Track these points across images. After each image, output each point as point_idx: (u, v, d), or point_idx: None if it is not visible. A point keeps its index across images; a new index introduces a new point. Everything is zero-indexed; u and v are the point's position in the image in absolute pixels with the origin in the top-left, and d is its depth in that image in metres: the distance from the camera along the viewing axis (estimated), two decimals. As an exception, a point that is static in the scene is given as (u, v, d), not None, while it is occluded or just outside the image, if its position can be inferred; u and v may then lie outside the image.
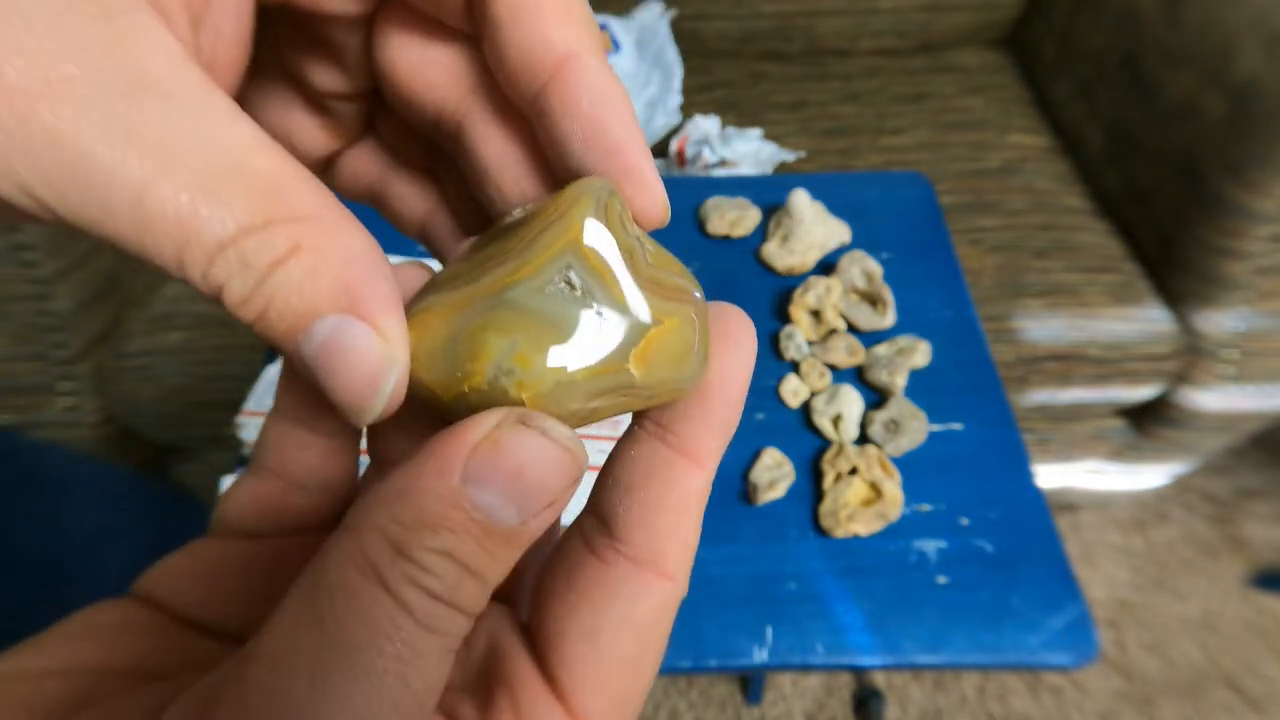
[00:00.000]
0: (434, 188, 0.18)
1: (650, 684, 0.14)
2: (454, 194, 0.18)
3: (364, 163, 0.18)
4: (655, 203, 0.14)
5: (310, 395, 0.16)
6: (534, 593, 0.15)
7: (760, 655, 0.43)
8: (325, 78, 0.16)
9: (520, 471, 0.12)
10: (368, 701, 0.11)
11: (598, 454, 0.42)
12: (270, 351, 0.55)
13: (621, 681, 0.14)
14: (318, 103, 0.17)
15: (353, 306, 0.12)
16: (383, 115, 0.18)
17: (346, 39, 0.15)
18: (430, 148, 0.17)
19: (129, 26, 0.11)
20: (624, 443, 0.15)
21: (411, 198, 0.18)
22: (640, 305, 0.13)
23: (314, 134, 0.17)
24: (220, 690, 0.12)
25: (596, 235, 0.13)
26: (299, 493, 0.16)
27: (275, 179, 0.11)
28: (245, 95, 0.16)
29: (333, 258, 0.12)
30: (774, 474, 0.49)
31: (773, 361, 0.55)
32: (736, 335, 0.14)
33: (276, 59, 0.16)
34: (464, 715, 0.13)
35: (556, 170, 0.15)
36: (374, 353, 0.12)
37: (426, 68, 0.15)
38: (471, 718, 0.13)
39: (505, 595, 0.16)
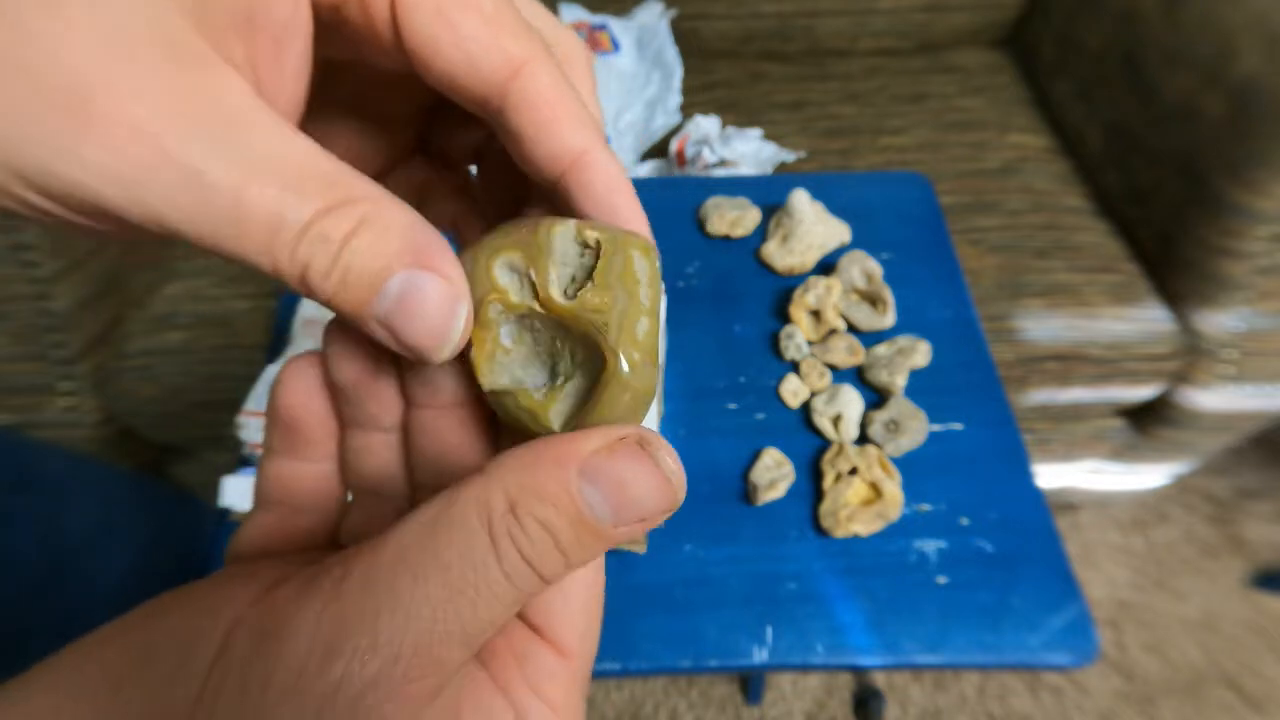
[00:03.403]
0: (465, 195, 0.22)
1: (601, 618, 0.18)
2: (481, 197, 0.22)
3: (410, 178, 0.21)
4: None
5: (300, 433, 0.18)
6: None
7: (760, 655, 0.43)
8: (382, 108, 0.19)
9: (624, 483, 0.15)
10: (446, 608, 0.14)
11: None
12: (270, 352, 0.55)
13: (585, 615, 0.17)
14: (375, 127, 0.20)
15: (418, 260, 0.14)
16: (432, 134, 0.21)
17: (400, 80, 0.18)
18: (468, 157, 0.21)
19: (213, 74, 0.13)
20: None
21: (447, 202, 0.22)
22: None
23: (372, 158, 0.20)
24: (350, 560, 0.15)
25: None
26: (298, 516, 0.19)
27: (338, 175, 0.14)
28: (313, 124, 0.19)
29: (394, 226, 0.14)
30: (774, 474, 0.49)
31: (773, 361, 0.55)
32: None
33: (341, 95, 0.19)
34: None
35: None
36: (444, 293, 0.14)
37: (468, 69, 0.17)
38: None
39: None
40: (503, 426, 0.17)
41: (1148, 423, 0.90)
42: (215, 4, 0.14)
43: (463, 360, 0.17)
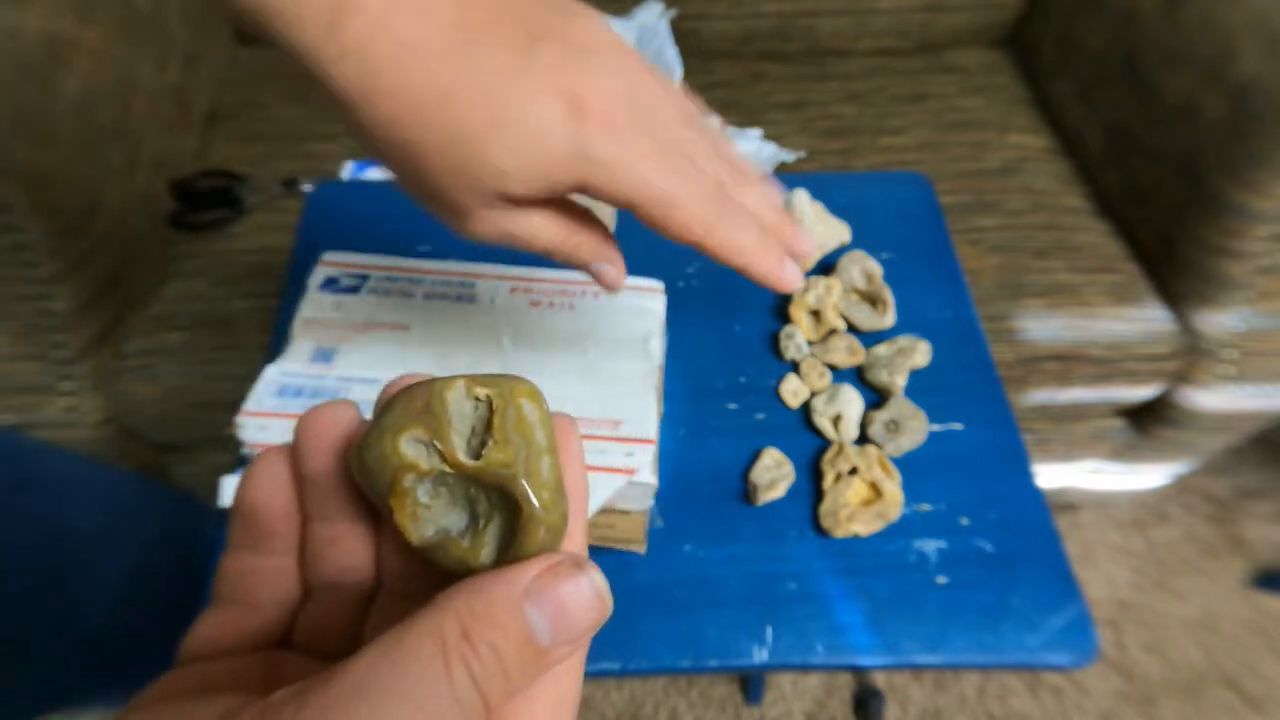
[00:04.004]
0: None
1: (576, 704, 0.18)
2: None
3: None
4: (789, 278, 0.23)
5: (261, 527, 0.19)
6: None
7: (760, 655, 0.43)
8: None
9: (563, 602, 0.16)
10: None
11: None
12: (270, 351, 0.55)
13: (548, 718, 0.17)
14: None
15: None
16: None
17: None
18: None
19: None
20: None
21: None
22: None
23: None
24: (307, 691, 0.15)
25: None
26: (254, 613, 0.19)
27: None
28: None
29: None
30: (774, 474, 0.49)
31: (773, 361, 0.55)
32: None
33: None
34: None
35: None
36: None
37: None
38: None
39: None
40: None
41: (1148, 423, 0.90)
42: None
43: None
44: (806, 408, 0.53)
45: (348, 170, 0.91)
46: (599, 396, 0.43)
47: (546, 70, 0.26)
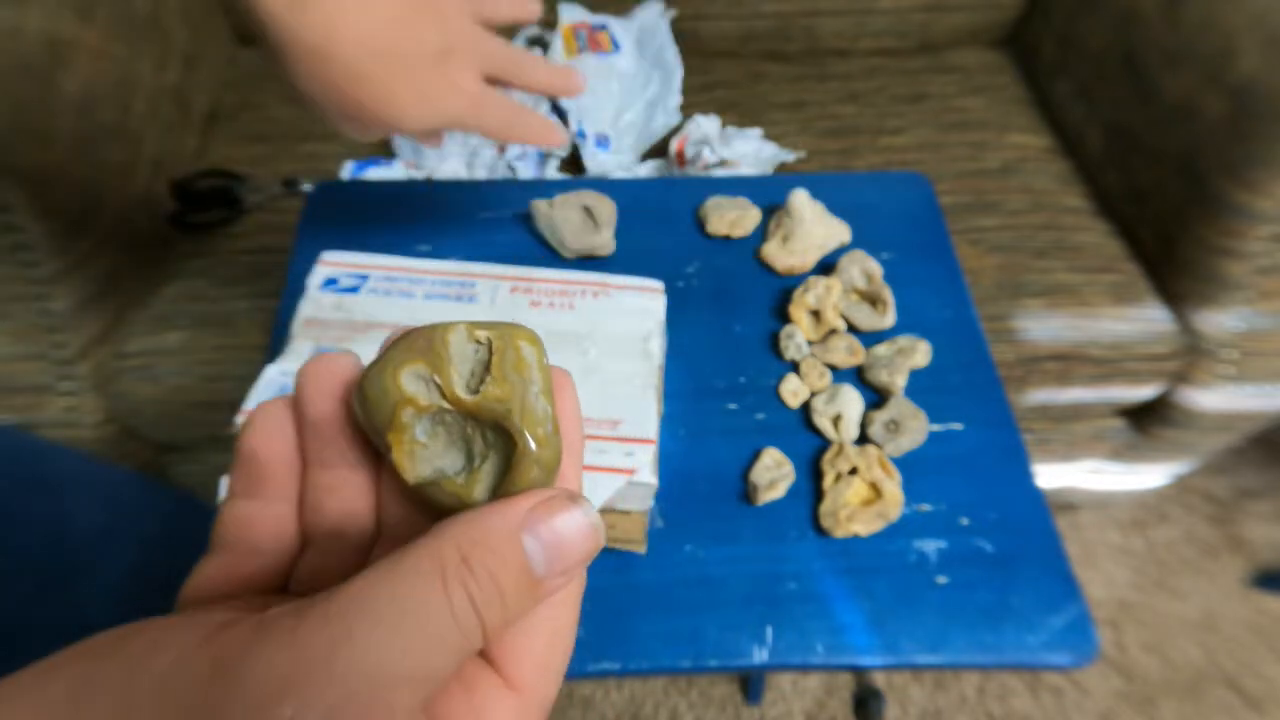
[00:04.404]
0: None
1: (569, 655, 0.19)
2: None
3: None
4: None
5: (260, 473, 0.19)
6: None
7: (760, 655, 0.43)
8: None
9: (559, 533, 0.17)
10: (398, 652, 0.14)
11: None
12: (270, 351, 0.55)
13: (544, 648, 0.18)
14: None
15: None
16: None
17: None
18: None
19: None
20: None
21: None
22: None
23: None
24: (306, 607, 0.15)
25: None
26: (253, 559, 0.19)
27: None
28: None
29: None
30: (774, 474, 0.49)
31: (773, 361, 0.55)
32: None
33: None
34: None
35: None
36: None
37: None
38: None
39: None
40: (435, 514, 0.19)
41: (1148, 423, 0.90)
42: None
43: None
44: (806, 408, 0.53)
45: (348, 170, 0.91)
46: (599, 396, 0.43)
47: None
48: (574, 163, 0.94)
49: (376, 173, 0.91)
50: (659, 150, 0.96)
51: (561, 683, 0.19)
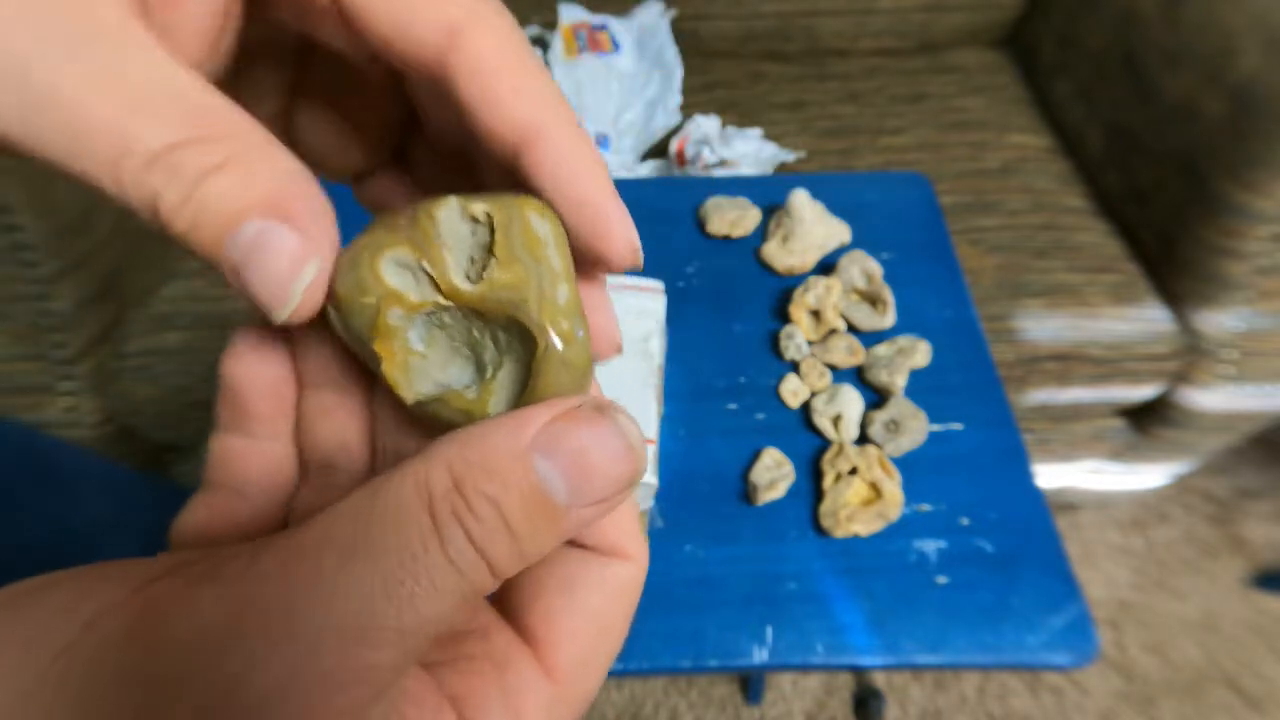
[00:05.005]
0: None
1: (616, 654, 0.16)
2: None
3: (387, 188, 0.19)
4: (620, 250, 0.15)
5: (244, 406, 0.17)
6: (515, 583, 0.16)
7: (760, 655, 0.43)
8: (357, 102, 0.17)
9: (583, 452, 0.13)
10: (378, 599, 0.12)
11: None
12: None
13: (592, 633, 0.15)
14: (352, 124, 0.18)
15: (276, 210, 0.13)
16: (414, 143, 0.19)
17: (373, 70, 0.16)
18: (459, 173, 0.18)
19: None
20: None
21: None
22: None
23: (346, 154, 0.18)
24: (265, 544, 0.12)
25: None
26: (243, 499, 0.17)
27: (208, 105, 0.12)
28: (284, 114, 0.18)
29: (262, 170, 0.13)
30: (774, 474, 0.49)
31: (773, 361, 0.55)
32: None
33: (312, 83, 0.17)
34: (426, 654, 0.14)
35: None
36: (294, 245, 0.13)
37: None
38: (437, 657, 0.14)
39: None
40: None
41: (1148, 423, 0.90)
42: None
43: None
44: (806, 408, 0.53)
45: (348, 170, 0.91)
46: (599, 396, 0.43)
47: None
48: (574, 163, 0.93)
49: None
50: (659, 150, 0.96)
51: (602, 683, 0.16)
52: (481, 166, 0.17)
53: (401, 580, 0.12)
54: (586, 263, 0.15)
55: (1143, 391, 0.85)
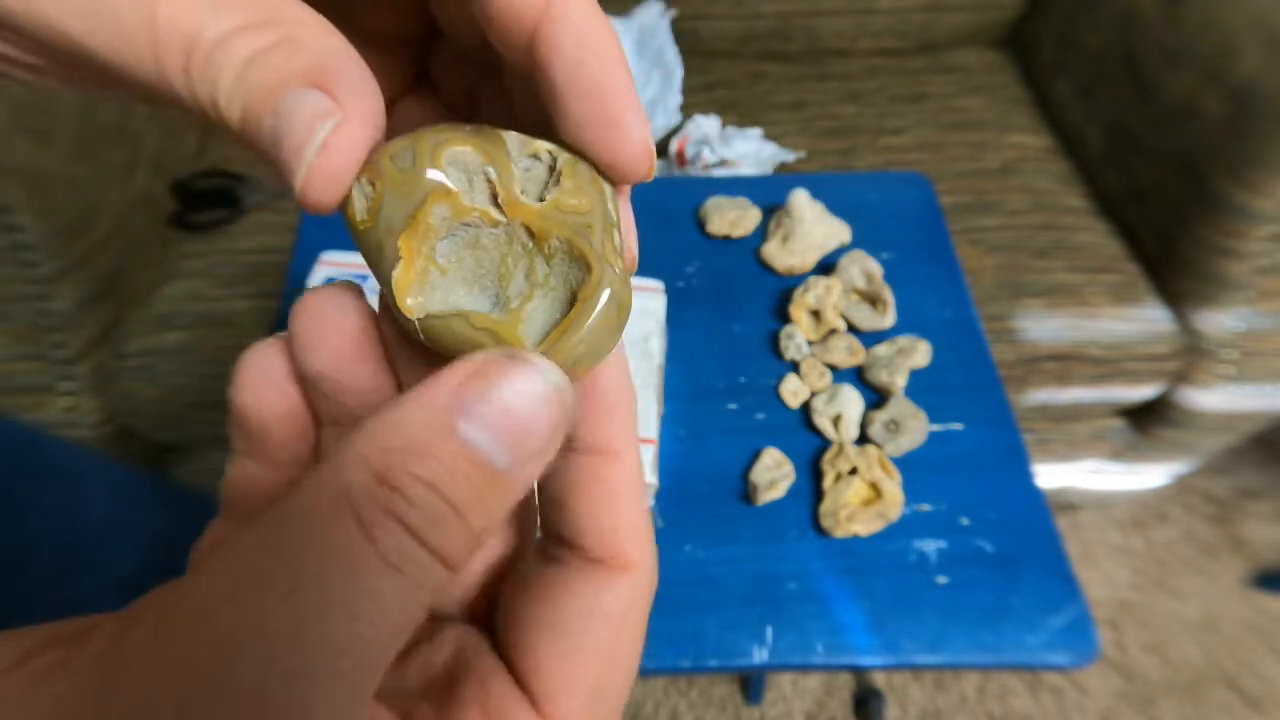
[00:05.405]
0: None
1: (631, 679, 0.14)
2: None
3: (415, 112, 0.18)
4: (633, 151, 0.14)
5: (255, 435, 0.16)
6: (503, 608, 0.15)
7: (760, 655, 0.43)
8: (380, 19, 0.16)
9: (508, 406, 0.12)
10: (307, 640, 0.10)
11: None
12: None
13: (594, 676, 0.14)
14: (374, 45, 0.17)
15: (318, 81, 0.12)
16: (435, 61, 0.18)
17: None
18: (476, 93, 0.17)
19: None
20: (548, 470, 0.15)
21: None
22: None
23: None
24: (171, 603, 0.10)
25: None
26: (278, 469, 0.16)
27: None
28: None
29: (314, 47, 0.12)
30: (774, 474, 0.49)
31: (773, 361, 0.55)
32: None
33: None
34: (421, 716, 0.13)
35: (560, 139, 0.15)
36: (323, 103, 0.12)
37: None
38: (430, 718, 0.13)
39: (479, 620, 0.16)
40: (437, 357, 0.14)
41: (1148, 423, 0.90)
42: None
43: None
44: (806, 408, 0.53)
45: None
46: (599, 396, 0.43)
47: None
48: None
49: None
50: (659, 150, 0.96)
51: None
52: (504, 86, 0.16)
53: (328, 606, 0.10)
54: (602, 174, 0.14)
55: (1143, 391, 0.85)
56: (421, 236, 0.13)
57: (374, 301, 0.15)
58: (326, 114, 0.12)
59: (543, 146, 0.14)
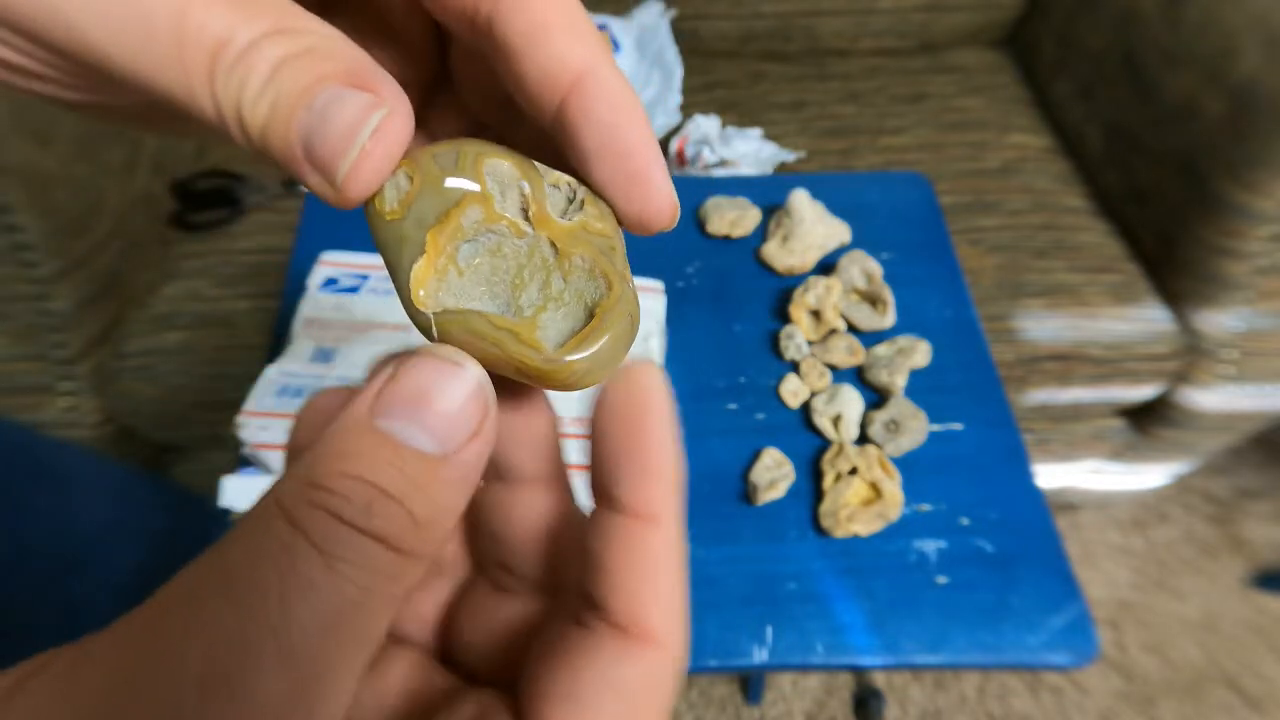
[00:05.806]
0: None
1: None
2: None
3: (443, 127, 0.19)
4: (662, 207, 0.15)
5: None
6: (526, 672, 0.15)
7: (760, 655, 0.43)
8: (387, 61, 0.17)
9: (423, 396, 0.12)
10: (247, 636, 0.10)
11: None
12: (270, 351, 0.55)
13: (671, 590, 0.14)
14: (394, 48, 0.17)
15: (356, 82, 0.12)
16: (435, 104, 0.18)
17: (409, 25, 0.16)
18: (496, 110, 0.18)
19: None
20: (589, 522, 0.15)
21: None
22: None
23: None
24: (124, 640, 0.11)
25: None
26: None
27: (297, 9, 0.13)
28: None
29: (345, 55, 0.13)
30: (774, 474, 0.49)
31: (773, 361, 0.55)
32: (645, 389, 0.14)
33: (350, 19, 0.17)
34: None
35: (580, 176, 0.15)
36: (367, 99, 0.12)
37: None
38: None
39: (506, 685, 0.16)
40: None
41: (1148, 423, 0.90)
42: None
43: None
44: (806, 408, 0.53)
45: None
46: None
47: None
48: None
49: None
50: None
51: None
52: (511, 133, 0.17)
53: (268, 594, 0.10)
54: (625, 224, 0.15)
55: (1143, 391, 0.85)
56: (450, 235, 0.13)
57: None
58: (375, 105, 0.12)
59: (562, 178, 0.14)
